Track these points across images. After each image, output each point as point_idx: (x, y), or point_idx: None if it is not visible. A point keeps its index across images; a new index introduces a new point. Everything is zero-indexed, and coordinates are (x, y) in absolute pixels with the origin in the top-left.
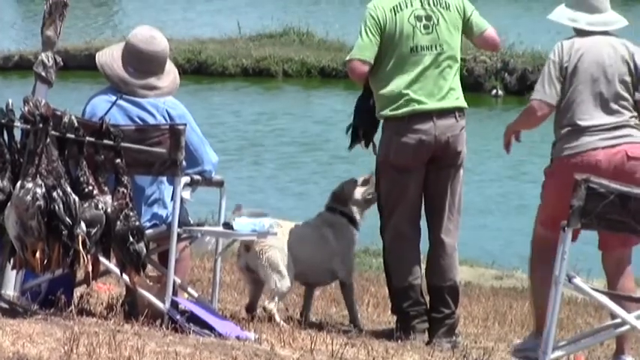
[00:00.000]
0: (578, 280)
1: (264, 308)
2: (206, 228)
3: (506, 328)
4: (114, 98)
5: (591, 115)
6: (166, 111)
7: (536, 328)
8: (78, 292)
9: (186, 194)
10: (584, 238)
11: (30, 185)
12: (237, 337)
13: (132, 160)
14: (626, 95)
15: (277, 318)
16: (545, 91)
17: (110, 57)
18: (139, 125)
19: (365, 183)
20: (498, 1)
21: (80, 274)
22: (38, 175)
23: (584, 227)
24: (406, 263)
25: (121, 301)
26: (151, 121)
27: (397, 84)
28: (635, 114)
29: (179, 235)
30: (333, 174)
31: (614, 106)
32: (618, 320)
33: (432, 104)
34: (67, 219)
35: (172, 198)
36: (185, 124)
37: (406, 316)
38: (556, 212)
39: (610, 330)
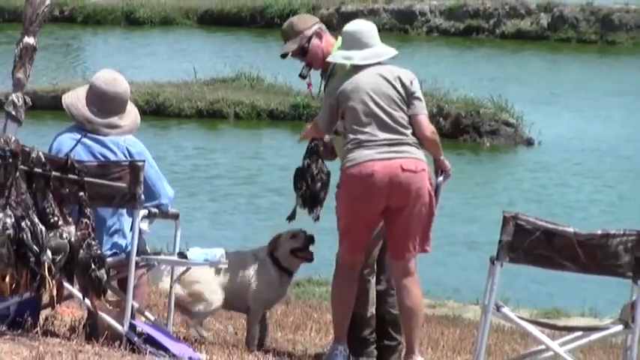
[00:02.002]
0: (506, 310)
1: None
2: (162, 257)
3: (438, 352)
4: (78, 136)
5: (370, 133)
6: (126, 148)
7: (334, 338)
8: (43, 314)
9: (144, 225)
10: (514, 272)
11: (0, 215)
12: (190, 358)
13: (94, 193)
14: (400, 114)
15: (203, 333)
16: (321, 118)
17: (75, 98)
18: (101, 161)
19: (293, 237)
20: (435, 53)
21: (46, 298)
22: (8, 206)
23: (512, 261)
24: (372, 294)
25: (83, 323)
26: (112, 157)
27: None
28: (411, 131)
29: (137, 263)
30: (261, 205)
31: (390, 125)
32: (542, 347)
33: None
34: (35, 247)
35: (131, 229)
36: (144, 161)
37: (365, 343)
38: (348, 223)
39: (535, 356)
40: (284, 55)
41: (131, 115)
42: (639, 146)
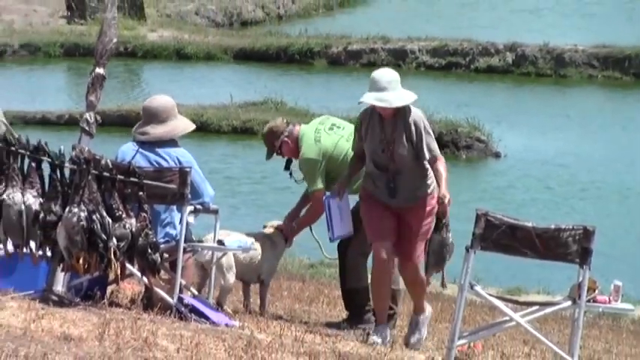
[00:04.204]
0: (478, 288)
1: (217, 302)
2: (205, 244)
3: None
4: (137, 147)
5: None
6: (177, 158)
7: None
8: (109, 289)
9: (191, 219)
10: (484, 257)
11: (76, 210)
12: (226, 325)
13: (151, 193)
14: None
15: (228, 309)
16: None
17: None
18: (156, 168)
19: None
20: (422, 84)
21: (111, 276)
22: (82, 203)
23: (483, 249)
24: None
25: (141, 296)
26: (165, 164)
27: None
28: None
29: (185, 249)
30: (268, 201)
31: None
32: (507, 318)
33: None
34: (103, 235)
35: (180, 221)
36: (190, 168)
37: (366, 311)
38: None
39: (501, 325)
40: (269, 158)
41: (167, 127)
42: (575, 157)
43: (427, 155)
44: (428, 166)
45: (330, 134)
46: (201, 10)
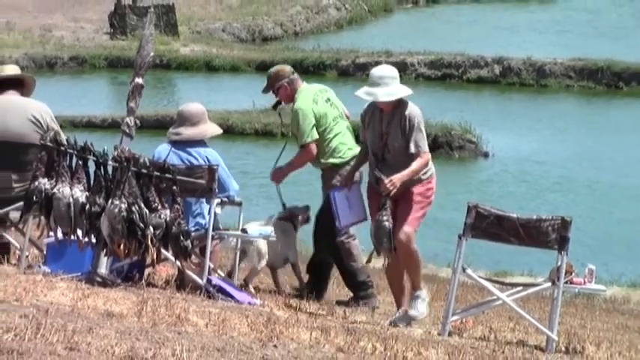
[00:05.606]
0: (469, 271)
1: (244, 281)
2: (230, 232)
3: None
4: (171, 147)
5: None
6: (206, 157)
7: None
8: (147, 271)
9: (218, 210)
10: (474, 244)
11: (117, 202)
12: (249, 303)
13: (183, 187)
14: None
15: (251, 288)
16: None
17: None
18: (187, 165)
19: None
20: (421, 93)
21: (148, 260)
22: (123, 196)
23: (474, 237)
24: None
25: (174, 278)
26: (195, 162)
27: None
28: None
29: (213, 236)
30: (272, 193)
31: None
32: (494, 297)
33: None
34: (141, 224)
35: (209, 212)
36: (218, 165)
37: (368, 287)
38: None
39: (489, 303)
40: (264, 92)
41: (198, 129)
42: (550, 156)
43: (413, 149)
44: None
45: (326, 106)
46: (227, 27)
